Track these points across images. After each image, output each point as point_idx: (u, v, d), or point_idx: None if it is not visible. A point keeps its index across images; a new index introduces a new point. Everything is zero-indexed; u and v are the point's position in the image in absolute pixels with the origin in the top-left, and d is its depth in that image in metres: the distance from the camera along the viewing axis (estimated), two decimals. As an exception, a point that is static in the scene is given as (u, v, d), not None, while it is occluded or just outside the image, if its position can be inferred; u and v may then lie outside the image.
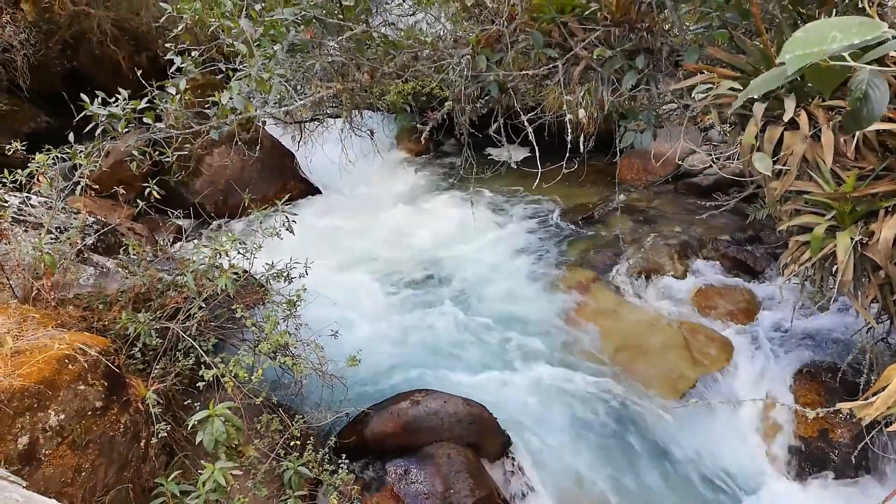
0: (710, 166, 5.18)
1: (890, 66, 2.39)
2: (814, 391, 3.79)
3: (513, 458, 3.73)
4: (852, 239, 2.40)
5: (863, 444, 2.79)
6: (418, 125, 3.75)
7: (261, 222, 3.73)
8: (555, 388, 4.09)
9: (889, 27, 0.99)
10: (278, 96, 3.64)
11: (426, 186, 6.58)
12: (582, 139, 3.80)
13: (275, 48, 3.47)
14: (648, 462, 3.71)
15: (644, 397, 4.02)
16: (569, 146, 3.02)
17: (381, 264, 5.33)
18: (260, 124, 4.73)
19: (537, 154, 3.06)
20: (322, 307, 4.30)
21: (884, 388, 2.20)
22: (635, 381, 4.13)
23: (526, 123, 3.09)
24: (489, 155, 6.21)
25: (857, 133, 2.30)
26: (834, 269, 2.49)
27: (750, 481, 3.62)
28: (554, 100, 3.80)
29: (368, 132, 4.57)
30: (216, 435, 2.61)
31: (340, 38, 3.36)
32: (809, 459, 3.62)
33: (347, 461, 3.26)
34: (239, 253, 3.66)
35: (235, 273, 3.49)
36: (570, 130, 2.93)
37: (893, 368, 2.28)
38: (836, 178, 2.48)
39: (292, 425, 3.27)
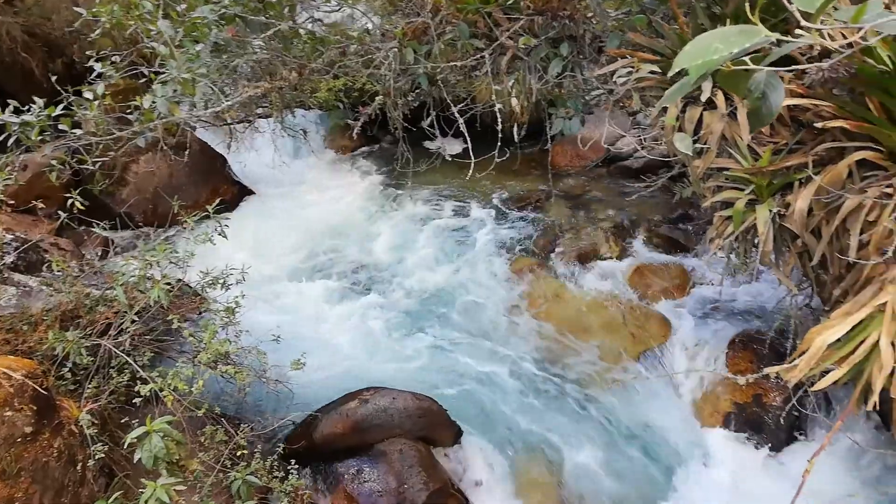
0: (640, 149, 5.35)
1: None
2: (746, 359, 3.96)
3: (465, 448, 3.76)
4: (771, 211, 2.52)
5: (790, 405, 2.94)
6: (350, 122, 3.72)
7: (192, 229, 3.62)
8: (502, 374, 4.15)
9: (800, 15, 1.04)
10: (204, 98, 3.54)
11: (363, 183, 6.50)
12: (515, 128, 3.85)
13: (198, 48, 3.37)
14: (596, 439, 3.81)
15: (588, 377, 4.12)
16: (499, 136, 3.05)
17: (321, 265, 5.25)
18: (187, 128, 4.58)
19: (469, 145, 3.08)
20: (262, 312, 4.22)
21: (806, 351, 2.33)
22: (579, 361, 4.23)
23: (457, 115, 3.10)
24: (428, 148, 6.21)
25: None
26: (756, 240, 2.61)
27: (691, 449, 3.76)
28: (486, 90, 3.83)
29: (301, 131, 4.48)
30: (155, 451, 2.52)
31: (265, 35, 3.29)
32: (746, 423, 3.79)
33: (297, 466, 3.21)
34: (171, 262, 3.54)
35: (168, 283, 3.38)
36: (500, 120, 2.96)
37: (814, 332, 2.41)
38: (754, 154, 2.59)
39: (237, 434, 3.19)
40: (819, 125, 2.27)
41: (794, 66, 1.30)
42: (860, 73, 2.13)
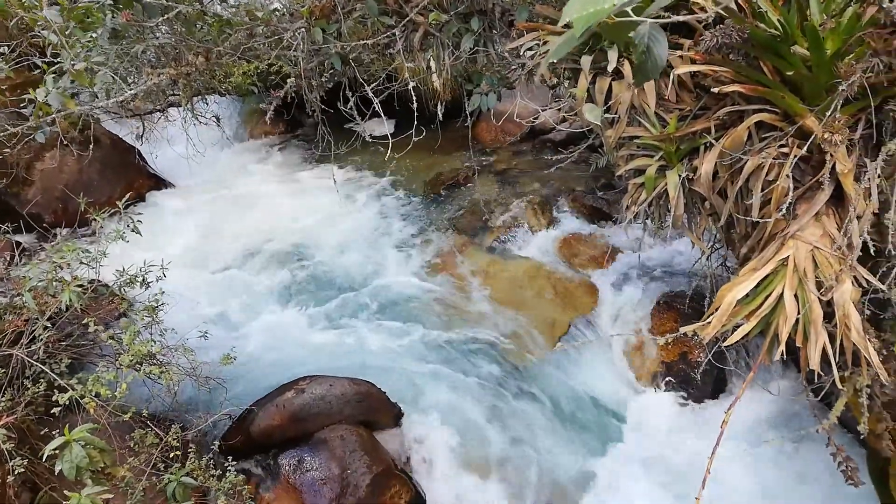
0: (557, 125, 5.43)
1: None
2: (671, 319, 4.12)
3: (406, 428, 3.78)
4: (680, 176, 2.59)
5: (706, 360, 3.09)
6: (262, 106, 3.60)
7: (101, 227, 3.45)
8: (440, 352, 4.17)
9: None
10: (105, 87, 3.36)
11: (286, 169, 6.33)
12: (439, 106, 3.83)
13: (94, 35, 3.18)
14: (534, 409, 3.90)
15: (523, 347, 4.20)
16: (415, 115, 3.02)
17: (246, 256, 5.11)
18: (91, 121, 4.34)
19: (387, 125, 3.04)
20: (188, 309, 4.09)
21: (718, 308, 2.44)
22: (514, 333, 4.29)
23: (371, 94, 3.05)
24: (356, 130, 6.12)
25: (674, 77, 2.47)
26: (669, 205, 2.69)
27: (626, 408, 3.91)
28: (406, 68, 3.79)
29: (214, 118, 4.31)
30: (76, 461, 2.42)
31: (164, 18, 3.12)
32: (674, 380, 3.95)
33: (235, 462, 3.15)
34: (82, 263, 3.38)
35: (80, 285, 3.22)
36: (415, 98, 2.94)
37: (725, 289, 2.51)
38: (662, 121, 2.66)
39: (168, 436, 3.10)
40: (716, 90, 2.35)
41: (672, 18, 1.31)
42: (752, 37, 2.21)
